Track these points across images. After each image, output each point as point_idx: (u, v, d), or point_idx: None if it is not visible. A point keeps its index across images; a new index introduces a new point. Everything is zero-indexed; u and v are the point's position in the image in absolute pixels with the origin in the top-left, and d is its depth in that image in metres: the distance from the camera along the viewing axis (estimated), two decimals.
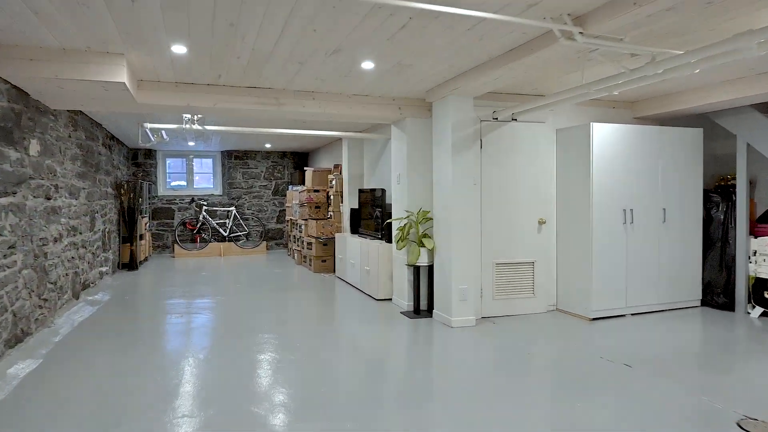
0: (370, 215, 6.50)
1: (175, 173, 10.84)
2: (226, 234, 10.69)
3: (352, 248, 6.73)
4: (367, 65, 3.96)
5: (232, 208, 10.79)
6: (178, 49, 3.51)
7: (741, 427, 2.60)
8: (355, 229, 7.17)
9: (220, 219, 10.82)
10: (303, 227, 8.57)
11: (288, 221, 10.29)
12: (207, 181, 11.06)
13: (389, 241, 5.86)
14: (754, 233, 5.07)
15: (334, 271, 8.01)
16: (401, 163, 5.41)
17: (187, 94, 4.52)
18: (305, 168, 9.27)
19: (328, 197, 8.40)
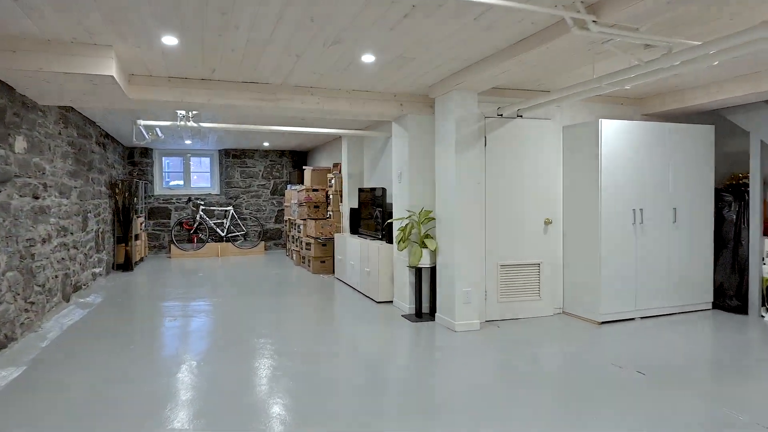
0: (371, 215, 6.33)
1: (173, 172, 10.66)
2: (224, 234, 10.51)
3: (352, 249, 6.56)
4: (368, 58, 3.79)
5: (230, 208, 10.61)
6: (169, 40, 3.34)
7: None
8: (355, 230, 7.00)
9: (218, 219, 10.64)
10: (302, 227, 8.39)
11: (286, 221, 10.12)
12: (204, 180, 10.89)
13: (390, 242, 5.68)
14: None
15: (334, 273, 7.83)
16: (402, 162, 5.24)
17: (181, 90, 4.35)
18: (304, 167, 9.09)
19: (328, 197, 8.23)
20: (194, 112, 5.29)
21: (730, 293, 5.07)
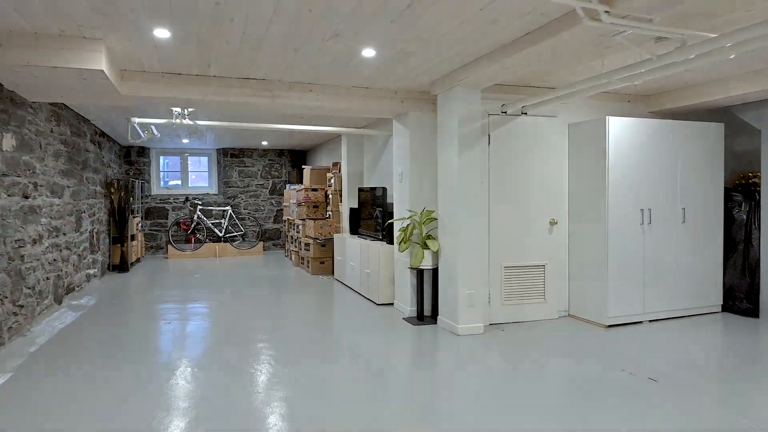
0: (371, 215, 6.19)
1: (171, 172, 10.52)
2: (222, 234, 10.37)
3: (352, 250, 6.42)
4: (368, 53, 3.65)
5: (228, 208, 10.47)
6: (161, 33, 3.20)
7: None
8: (355, 230, 6.86)
9: (216, 219, 10.50)
10: (300, 227, 8.25)
11: (285, 221, 9.98)
12: (202, 180, 10.75)
13: (391, 243, 5.55)
14: None
15: (333, 274, 7.70)
16: (403, 160, 5.10)
17: (175, 86, 4.22)
18: (303, 166, 8.96)
19: (327, 196, 8.09)
20: (190, 110, 5.15)
21: (741, 296, 4.94)
